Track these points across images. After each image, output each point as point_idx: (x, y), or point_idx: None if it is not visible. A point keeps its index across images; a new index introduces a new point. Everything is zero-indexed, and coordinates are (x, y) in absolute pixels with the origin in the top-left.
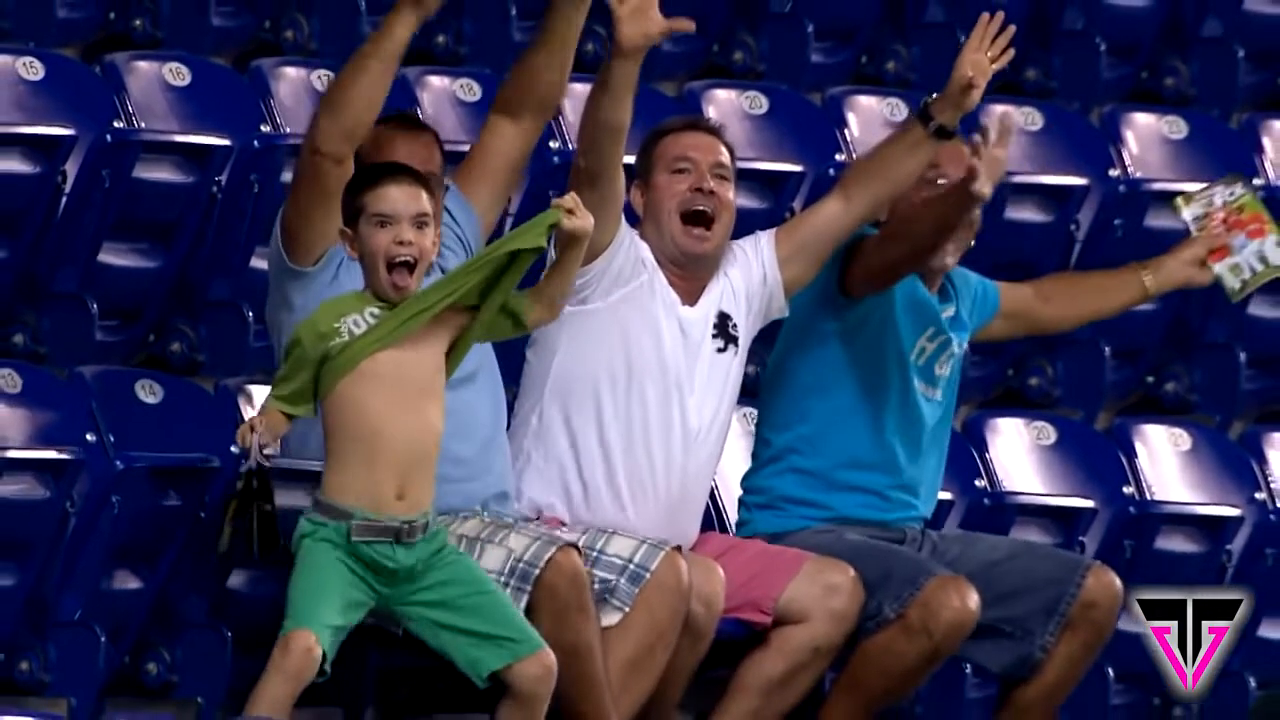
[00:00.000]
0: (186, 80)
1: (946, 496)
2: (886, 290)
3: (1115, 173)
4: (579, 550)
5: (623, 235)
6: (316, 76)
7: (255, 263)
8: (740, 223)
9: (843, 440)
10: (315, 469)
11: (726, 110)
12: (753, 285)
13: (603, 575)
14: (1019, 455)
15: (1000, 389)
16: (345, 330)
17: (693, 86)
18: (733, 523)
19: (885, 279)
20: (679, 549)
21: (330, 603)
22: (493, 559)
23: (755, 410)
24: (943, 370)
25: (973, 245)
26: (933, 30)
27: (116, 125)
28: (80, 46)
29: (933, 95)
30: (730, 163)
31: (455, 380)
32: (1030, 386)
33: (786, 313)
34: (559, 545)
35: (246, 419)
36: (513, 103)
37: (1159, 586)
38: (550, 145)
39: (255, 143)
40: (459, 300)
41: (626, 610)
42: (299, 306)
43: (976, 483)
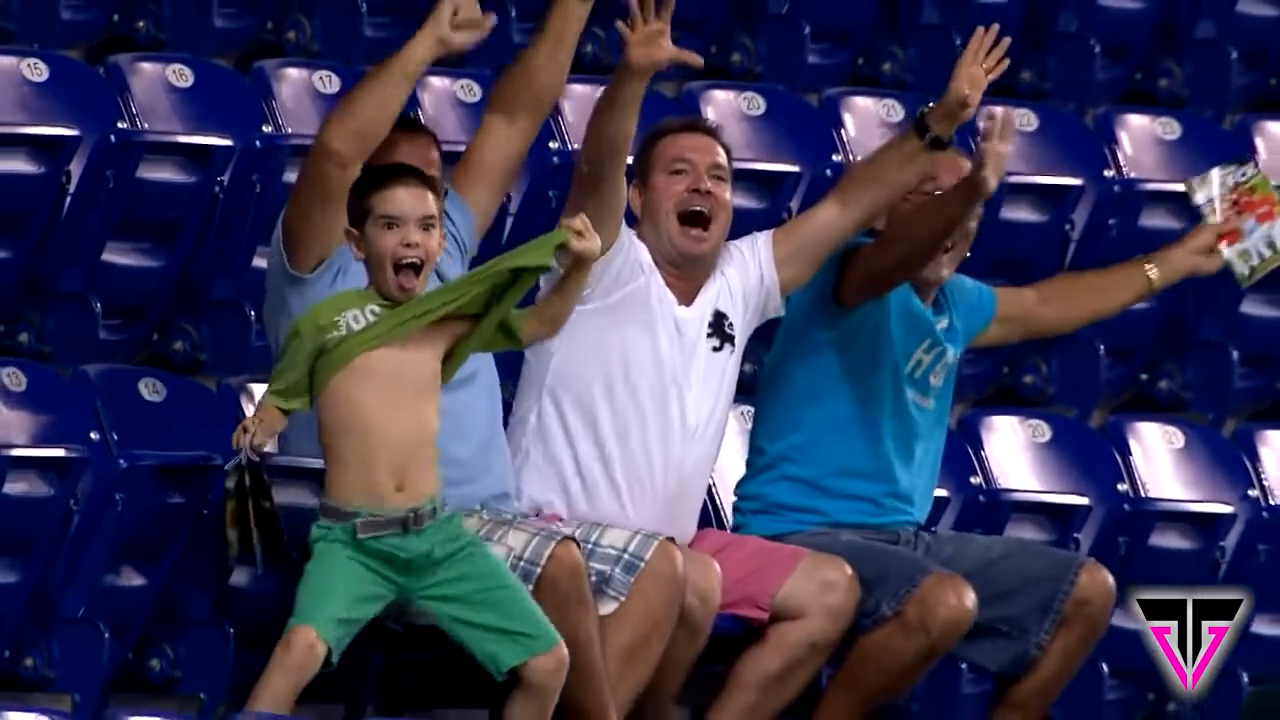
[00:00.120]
0: (189, 81)
1: (942, 494)
2: (881, 297)
3: (1110, 173)
4: (576, 543)
5: (622, 238)
6: (318, 78)
7: (257, 262)
8: (738, 223)
9: (836, 449)
10: (313, 466)
11: (724, 111)
12: (750, 285)
13: (598, 567)
14: (1014, 453)
15: (995, 387)
16: (344, 325)
17: (691, 87)
18: (729, 525)
19: (881, 285)
20: (672, 539)
21: (335, 598)
22: None
23: (752, 408)
24: (936, 380)
25: (969, 256)
26: (928, 32)
27: (120, 126)
28: (84, 48)
29: (929, 105)
30: (728, 163)
31: (453, 382)
32: (1025, 384)
33: (783, 312)
34: (558, 539)
35: (244, 419)
36: (509, 102)
37: (1154, 584)
38: (550, 145)
39: (257, 143)
40: (460, 308)
41: (622, 600)
42: (297, 314)
43: (972, 480)
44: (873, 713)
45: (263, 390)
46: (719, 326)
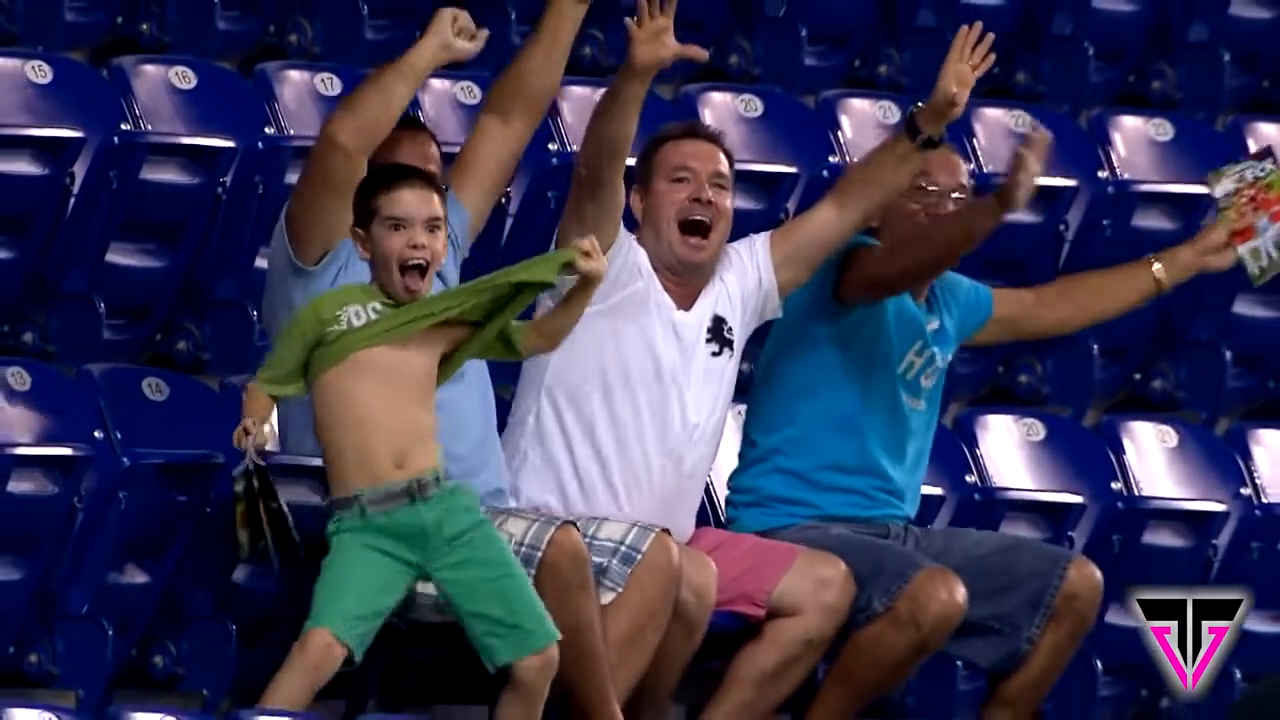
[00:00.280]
0: (192, 83)
1: (937, 492)
2: (880, 301)
3: (1103, 174)
4: (575, 527)
5: (621, 242)
6: (320, 80)
7: (260, 262)
8: (735, 224)
9: (828, 445)
10: (315, 464)
11: (722, 113)
12: (748, 288)
13: (595, 559)
14: (1009, 451)
15: (990, 386)
16: (346, 320)
17: (688, 89)
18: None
19: (882, 291)
20: (668, 531)
21: (350, 595)
22: None
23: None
24: (927, 382)
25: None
26: (924, 35)
27: (124, 127)
28: (88, 50)
29: (919, 105)
30: (729, 171)
31: None
32: (1019, 384)
33: (780, 313)
34: (558, 524)
35: (241, 423)
36: (504, 103)
37: (1147, 582)
38: (549, 147)
39: (259, 144)
40: (461, 315)
41: (619, 591)
42: (299, 307)
43: (967, 478)
44: (868, 707)
45: None
46: (718, 331)
